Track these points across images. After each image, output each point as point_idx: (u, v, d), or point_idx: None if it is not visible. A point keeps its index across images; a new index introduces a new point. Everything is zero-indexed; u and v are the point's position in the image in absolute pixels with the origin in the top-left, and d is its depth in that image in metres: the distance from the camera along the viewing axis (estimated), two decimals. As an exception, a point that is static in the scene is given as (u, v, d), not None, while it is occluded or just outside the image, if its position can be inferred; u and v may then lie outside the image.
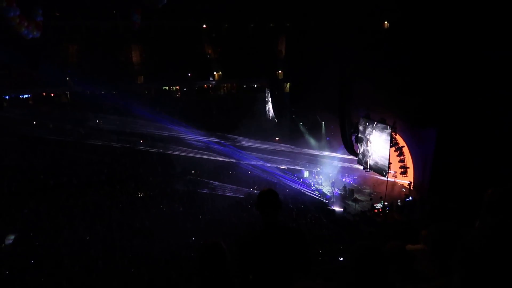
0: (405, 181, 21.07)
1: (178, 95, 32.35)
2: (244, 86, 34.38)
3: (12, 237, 17.81)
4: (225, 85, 33.97)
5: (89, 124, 26.63)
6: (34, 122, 26.09)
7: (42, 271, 14.39)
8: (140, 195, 23.14)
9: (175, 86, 32.31)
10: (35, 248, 16.50)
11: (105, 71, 25.02)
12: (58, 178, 23.20)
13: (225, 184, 23.86)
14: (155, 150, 26.54)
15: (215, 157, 26.95)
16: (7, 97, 26.60)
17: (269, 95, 33.18)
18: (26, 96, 27.68)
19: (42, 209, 20.16)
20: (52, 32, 21.94)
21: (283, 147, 28.61)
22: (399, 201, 20.52)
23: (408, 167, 20.36)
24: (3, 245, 17.28)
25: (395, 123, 19.65)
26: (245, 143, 28.29)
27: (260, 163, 26.63)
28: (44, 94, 28.18)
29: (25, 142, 23.67)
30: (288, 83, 33.86)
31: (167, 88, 32.36)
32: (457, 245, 1.86)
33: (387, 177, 20.61)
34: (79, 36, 27.71)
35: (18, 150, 23.52)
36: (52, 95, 28.44)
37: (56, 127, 26.15)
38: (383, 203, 20.45)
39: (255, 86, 34.56)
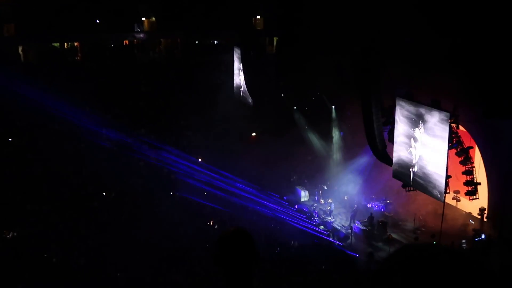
0: (474, 207, 21.44)
1: (79, 57, 32.20)
2: (196, 42, 34.41)
3: None
4: (162, 40, 34.20)
5: None
6: None
7: None
8: (9, 236, 22.83)
9: (73, 42, 32.05)
10: None
11: None
12: None
13: (159, 216, 23.39)
14: (37, 156, 26.08)
15: (145, 167, 26.94)
16: None
17: (240, 59, 33.02)
18: None
19: None
20: None
21: (262, 148, 28.45)
22: (464, 241, 20.80)
23: (479, 183, 20.52)
24: None
25: (457, 109, 19.76)
26: (196, 144, 28.36)
27: (222, 177, 26.57)
28: None
29: None
30: (275, 39, 33.90)
31: (57, 45, 32.09)
32: None
33: (444, 201, 20.70)
34: None
35: None
36: None
37: None
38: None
39: (215, 42, 34.65)
